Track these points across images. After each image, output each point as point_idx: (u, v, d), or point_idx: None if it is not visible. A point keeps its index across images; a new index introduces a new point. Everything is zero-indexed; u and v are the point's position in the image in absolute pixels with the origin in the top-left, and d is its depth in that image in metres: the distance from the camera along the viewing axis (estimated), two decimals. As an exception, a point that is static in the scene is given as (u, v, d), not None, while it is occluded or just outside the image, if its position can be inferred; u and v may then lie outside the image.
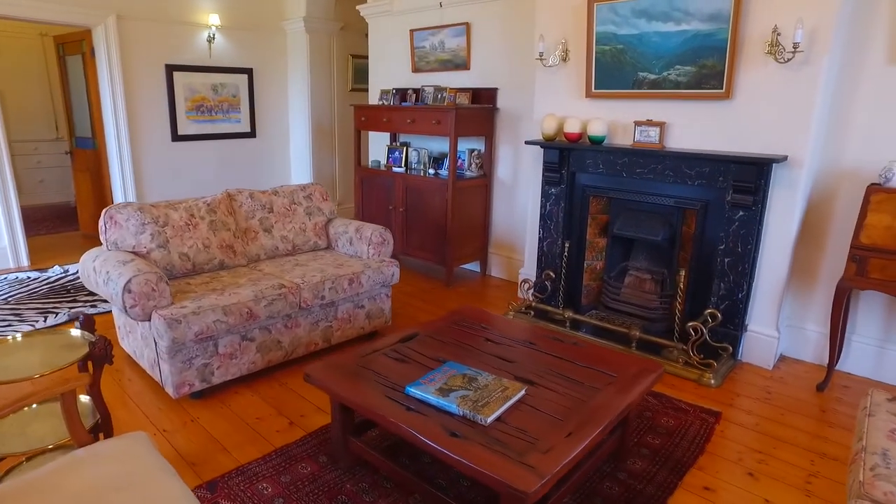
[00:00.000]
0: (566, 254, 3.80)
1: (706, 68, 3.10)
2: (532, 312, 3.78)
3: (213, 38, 5.50)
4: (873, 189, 2.74)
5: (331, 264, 3.25)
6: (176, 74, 5.37)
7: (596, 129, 3.48)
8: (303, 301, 2.93)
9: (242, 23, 5.76)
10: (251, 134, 6.07)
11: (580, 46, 3.58)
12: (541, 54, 3.66)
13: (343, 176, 6.68)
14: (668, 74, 3.24)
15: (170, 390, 2.61)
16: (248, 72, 5.89)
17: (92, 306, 3.89)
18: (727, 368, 3.12)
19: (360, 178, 4.92)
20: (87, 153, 5.55)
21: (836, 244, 3.10)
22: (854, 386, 3.00)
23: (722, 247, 3.17)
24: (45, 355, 1.91)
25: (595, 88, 3.56)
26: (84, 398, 2.07)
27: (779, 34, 2.82)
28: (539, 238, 3.96)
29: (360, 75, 6.52)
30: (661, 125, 3.30)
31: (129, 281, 2.49)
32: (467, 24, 4.46)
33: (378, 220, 4.76)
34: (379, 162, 4.98)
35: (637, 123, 3.38)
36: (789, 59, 2.79)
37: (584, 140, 3.62)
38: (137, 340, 2.83)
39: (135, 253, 2.89)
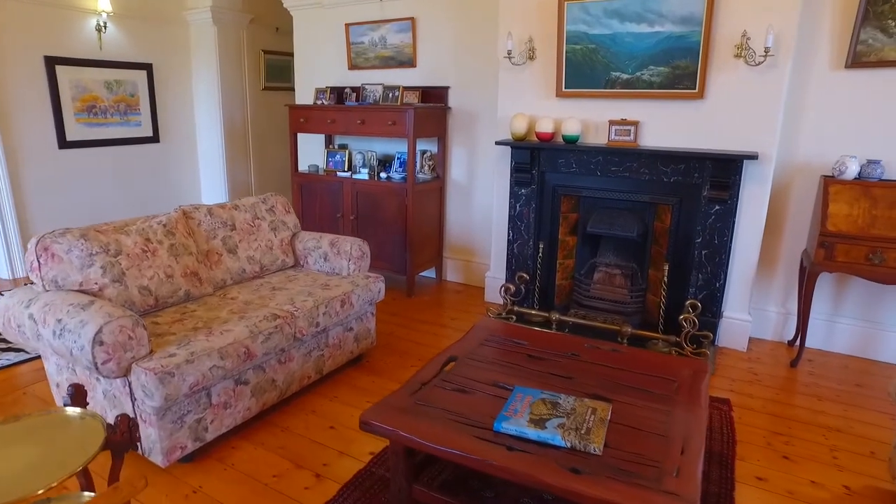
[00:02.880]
0: (541, 255, 3.78)
1: (679, 69, 3.21)
2: (514, 318, 3.71)
3: (105, 26, 4.70)
4: (830, 181, 3.03)
5: (313, 285, 2.91)
6: (59, 69, 4.52)
7: (570, 129, 3.48)
8: (298, 331, 2.58)
9: (138, 11, 5.00)
10: (154, 138, 5.31)
11: (548, 45, 3.55)
12: (509, 52, 3.57)
13: (260, 183, 6.11)
14: (642, 75, 3.32)
15: (158, 459, 2.15)
16: (147, 67, 5.13)
17: (-10, 358, 3.14)
18: (712, 355, 3.29)
19: (299, 184, 4.51)
20: (-59, 166, 4.49)
21: (791, 231, 3.40)
22: (815, 359, 3.30)
23: (699, 240, 3.33)
24: (42, 448, 1.45)
25: (566, 87, 3.55)
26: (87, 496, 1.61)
27: (748, 38, 3.00)
28: (508, 240, 3.90)
29: (274, 73, 5.99)
30: (635, 124, 3.38)
31: (99, 330, 2.00)
32: (413, 19, 4.25)
33: (324, 229, 4.39)
34: (317, 167, 4.59)
35: (612, 122, 3.42)
36: (760, 62, 2.97)
37: (557, 139, 3.61)
38: (97, 401, 2.30)
39: (82, 291, 2.35)
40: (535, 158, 3.68)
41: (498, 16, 3.86)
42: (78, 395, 1.60)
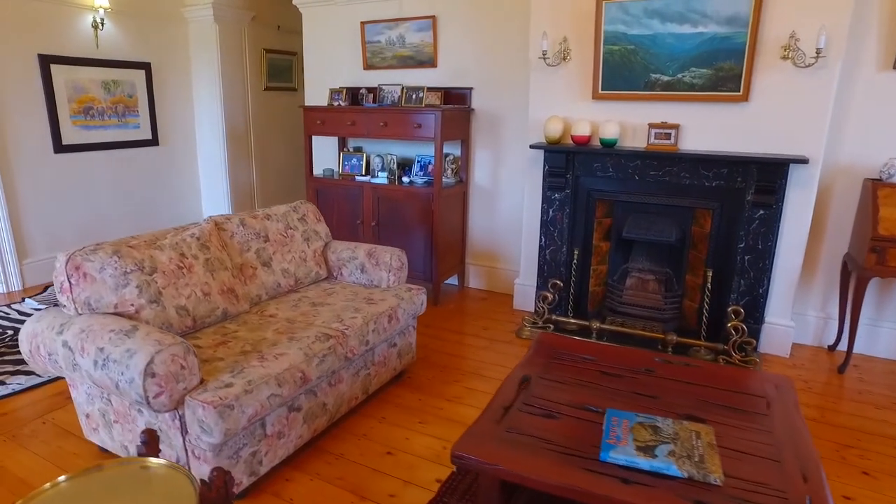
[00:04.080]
0: (576, 261, 3.67)
1: (723, 71, 3.13)
2: (551, 327, 3.60)
3: (102, 24, 4.43)
4: (878, 185, 2.98)
5: (356, 300, 2.74)
6: (54, 68, 4.24)
7: (609, 132, 3.38)
8: (349, 351, 2.42)
9: (136, 7, 4.73)
10: (153, 141, 5.04)
11: (584, 45, 3.44)
12: (544, 53, 3.45)
13: (262, 187, 5.88)
14: (683, 76, 3.23)
15: (214, 494, 1.96)
16: (146, 67, 4.87)
17: (-2, 383, 2.89)
18: (759, 363, 3.23)
19: (315, 189, 4.31)
20: (-75, 173, 4.17)
21: (832, 235, 3.35)
22: (861, 364, 3.27)
23: (742, 245, 3.26)
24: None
25: (602, 89, 3.45)
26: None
27: (797, 39, 2.93)
28: (540, 246, 3.78)
29: (276, 73, 5.77)
30: (675, 127, 3.29)
31: (151, 360, 1.81)
32: (433, 18, 4.09)
33: (344, 236, 4.22)
34: (332, 171, 4.41)
35: (651, 126, 3.33)
36: (811, 64, 2.91)
37: (593, 143, 3.50)
38: (136, 435, 2.11)
39: (118, 314, 2.15)
40: (569, 162, 3.57)
41: (526, 15, 3.76)
42: (151, 442, 1.42)
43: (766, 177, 3.09)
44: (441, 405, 2.75)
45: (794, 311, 3.50)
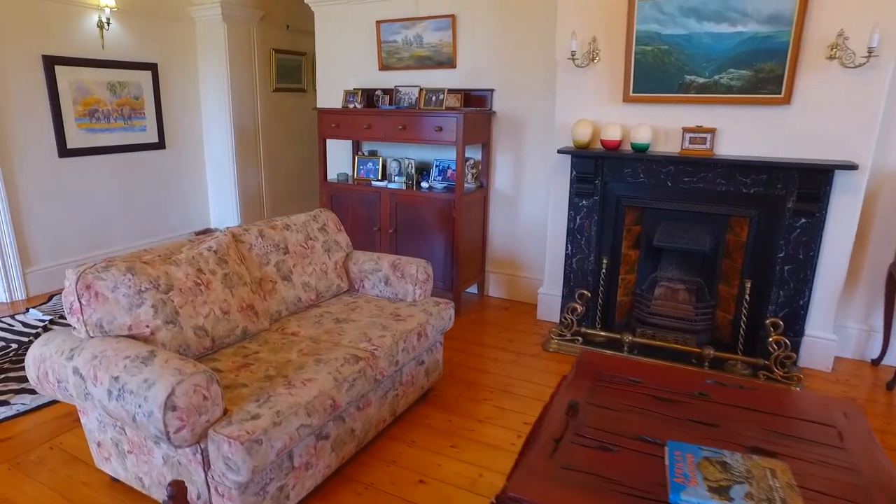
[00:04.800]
0: (604, 270, 3.52)
1: (763, 72, 2.97)
2: (580, 339, 3.44)
3: (108, 23, 4.27)
4: (929, 191, 2.83)
5: (382, 315, 2.59)
6: (59, 69, 4.08)
7: (641, 137, 3.22)
8: (379, 372, 2.26)
9: (142, 7, 4.57)
10: (160, 144, 4.89)
11: (614, 46, 3.28)
12: (573, 54, 3.29)
13: (271, 191, 5.72)
14: (720, 78, 3.08)
15: (239, 536, 1.81)
16: (152, 68, 4.71)
17: (2, 403, 2.73)
18: (802, 380, 3.07)
19: (329, 195, 4.16)
20: (-75, 179, 4.01)
21: (877, 243, 3.19)
22: (908, 380, 3.11)
23: (781, 254, 3.10)
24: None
25: (633, 92, 3.29)
26: None
27: (845, 38, 2.78)
28: (566, 255, 3.62)
29: (285, 73, 5.61)
30: (711, 132, 3.14)
31: (171, 392, 1.65)
32: (453, 17, 3.94)
33: (359, 243, 4.06)
34: (346, 175, 4.26)
35: (686, 130, 3.17)
36: (861, 64, 2.75)
37: (623, 148, 3.35)
38: (154, 467, 1.95)
39: (132, 336, 1.99)
40: (598, 168, 3.41)
41: (551, 13, 3.60)
42: (179, 495, 1.27)
43: (809, 183, 2.94)
44: (472, 426, 2.59)
45: (835, 324, 3.35)
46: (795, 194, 2.99)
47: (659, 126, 3.29)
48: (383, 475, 2.25)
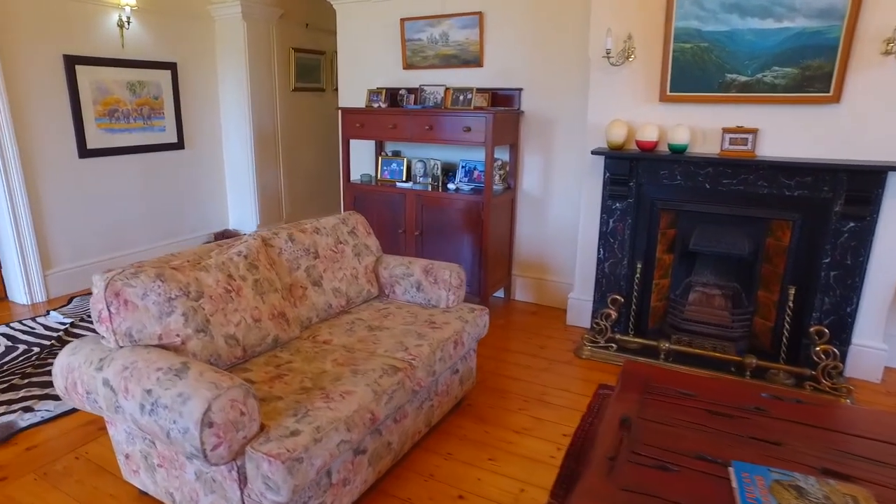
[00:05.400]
0: (638, 275, 3.40)
1: (810, 70, 2.85)
2: (614, 346, 3.33)
3: (129, 22, 4.21)
4: None
5: (416, 322, 2.50)
6: (80, 69, 4.02)
7: (679, 137, 3.10)
8: (417, 383, 2.17)
9: (162, 5, 4.51)
10: (178, 145, 4.83)
11: (650, 43, 3.17)
12: (608, 52, 3.18)
13: (290, 192, 5.65)
14: (764, 76, 2.95)
15: (277, 557, 1.72)
16: (172, 67, 4.65)
17: (26, 409, 2.67)
18: (852, 391, 2.94)
19: (354, 196, 4.07)
20: (-55, 180, 3.97)
21: (927, 248, 3.06)
22: (961, 391, 2.98)
23: (827, 260, 2.98)
24: None
25: (671, 91, 3.17)
26: None
27: (902, 33, 2.65)
28: (598, 258, 3.51)
29: (304, 73, 5.53)
30: (753, 132, 3.01)
31: (208, 408, 1.57)
32: (480, 14, 3.83)
33: (384, 246, 3.97)
34: (370, 176, 4.17)
35: (726, 130, 3.05)
36: (919, 60, 2.63)
37: (659, 149, 3.24)
38: (186, 482, 1.87)
39: (162, 346, 1.91)
40: (633, 169, 3.30)
41: (583, 10, 3.50)
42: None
43: (860, 186, 2.81)
44: (509, 438, 2.50)
45: (885, 332, 3.22)
46: (843, 197, 2.86)
47: (696, 126, 3.17)
48: (421, 490, 2.16)
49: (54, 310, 3.86)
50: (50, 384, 2.90)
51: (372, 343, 2.29)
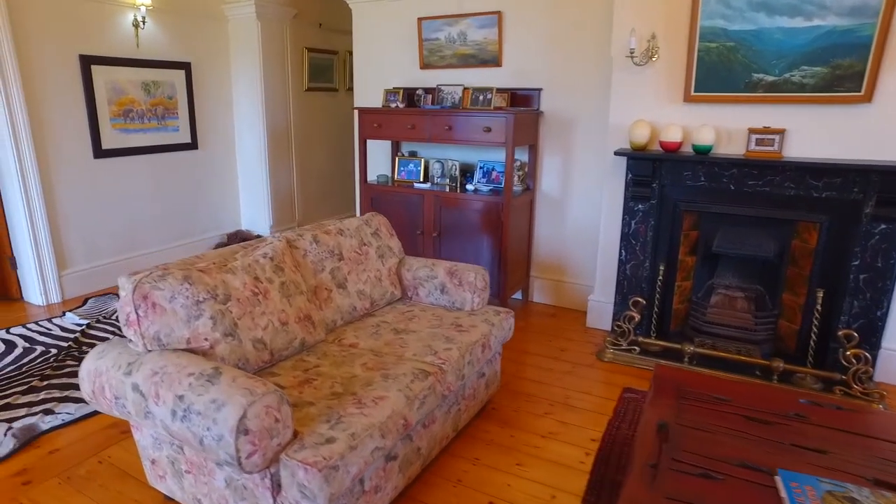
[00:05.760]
0: (661, 277, 3.36)
1: (841, 69, 2.80)
2: (637, 348, 3.29)
3: (144, 22, 4.19)
4: None
5: (442, 325, 2.46)
6: (95, 69, 4.00)
7: (704, 138, 3.06)
8: (446, 388, 2.14)
9: (177, 5, 4.49)
10: (192, 145, 4.80)
11: (674, 43, 3.13)
12: (631, 51, 3.14)
13: (303, 193, 5.63)
14: (792, 76, 2.91)
15: (311, 566, 1.69)
16: (186, 67, 4.62)
17: (46, 412, 2.64)
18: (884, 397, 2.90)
19: (370, 197, 4.04)
20: (-39, 180, 3.95)
21: (957, 251, 3.01)
22: None
23: (857, 262, 2.93)
24: None
25: (695, 91, 3.13)
26: None
27: (935, 31, 2.60)
28: (620, 260, 3.47)
29: (317, 73, 5.51)
30: (780, 132, 2.97)
31: (243, 415, 1.53)
32: (499, 13, 3.80)
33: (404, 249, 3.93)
34: (386, 177, 4.13)
35: (752, 131, 3.01)
36: (953, 59, 2.58)
37: (683, 150, 3.19)
38: (215, 489, 1.84)
39: (190, 350, 1.88)
40: (656, 170, 3.26)
41: (604, 9, 3.47)
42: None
43: (892, 187, 2.76)
44: (536, 443, 2.46)
45: (909, 335, 3.17)
46: (874, 198, 2.81)
47: (721, 127, 3.13)
48: (450, 496, 2.12)
49: (70, 311, 3.84)
50: (70, 386, 2.88)
51: (399, 347, 2.26)
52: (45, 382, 2.91)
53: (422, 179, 4.01)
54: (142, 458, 2.08)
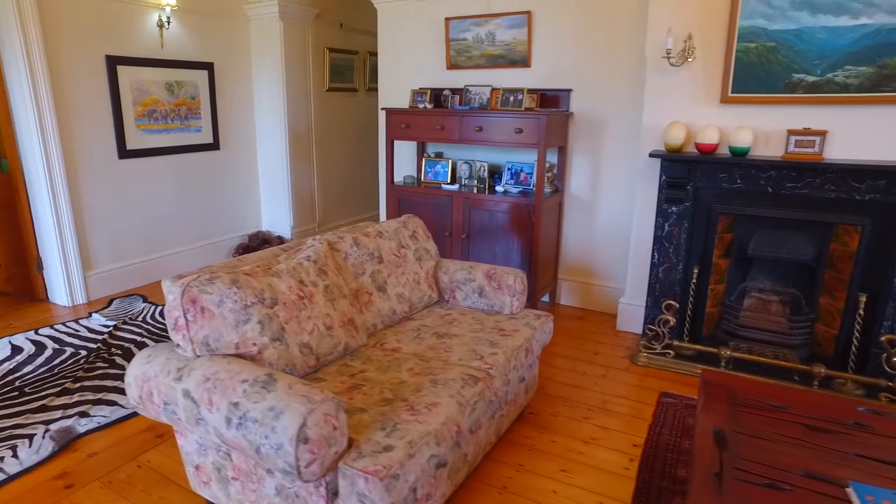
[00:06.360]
0: (695, 280, 3.32)
1: (888, 68, 2.75)
2: (671, 352, 3.25)
3: (169, 22, 4.17)
4: None
5: (484, 329, 2.43)
6: (121, 69, 3.99)
7: (741, 140, 3.01)
8: (494, 393, 2.10)
9: (200, 5, 4.47)
10: (214, 145, 4.79)
11: (711, 43, 3.09)
12: (668, 52, 3.10)
13: (324, 194, 5.60)
14: (835, 76, 2.86)
15: (367, 576, 1.66)
16: (209, 67, 4.61)
17: (81, 414, 2.62)
18: (923, 401, 2.85)
19: (397, 198, 4.01)
20: (-12, 180, 3.95)
21: None
22: None
23: (899, 266, 2.88)
24: None
25: (733, 92, 3.09)
26: None
27: (984, 32, 2.55)
28: (653, 263, 3.43)
29: (337, 73, 5.48)
30: (822, 134, 2.92)
31: (304, 423, 1.50)
32: (529, 13, 3.76)
33: (427, 249, 3.90)
34: (413, 178, 4.11)
35: (791, 132, 2.97)
36: None
37: (719, 151, 3.15)
38: (262, 496, 1.81)
39: (238, 355, 1.85)
40: (691, 172, 3.22)
41: (637, 9, 3.43)
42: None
43: (938, 190, 2.72)
44: (579, 448, 2.42)
45: (950, 340, 3.11)
46: (920, 201, 2.77)
47: (759, 128, 3.09)
48: (496, 503, 2.09)
49: (96, 312, 3.83)
50: (102, 389, 2.86)
51: (444, 351, 2.23)
52: (77, 384, 2.89)
53: (449, 181, 3.98)
54: (185, 464, 2.06)
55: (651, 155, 3.21)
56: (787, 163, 2.95)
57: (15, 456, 2.31)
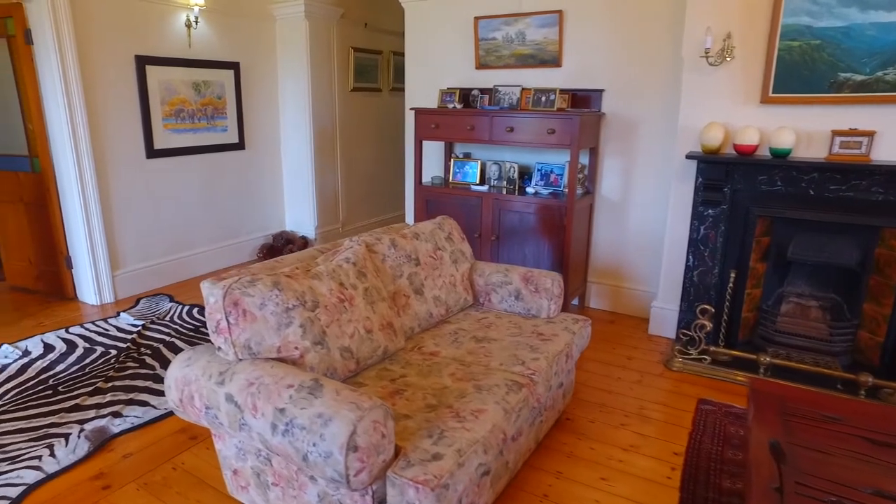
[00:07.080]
0: (732, 285, 3.24)
1: (940, 67, 2.67)
2: (708, 359, 3.18)
3: (196, 22, 4.17)
4: None
5: (522, 334, 2.38)
6: (149, 69, 3.99)
7: (783, 141, 2.93)
8: (537, 399, 2.06)
9: (227, 5, 4.47)
10: (239, 145, 4.78)
11: (751, 42, 3.01)
12: (707, 51, 3.03)
13: (348, 195, 5.58)
14: (885, 75, 2.77)
15: (413, 587, 1.62)
16: (235, 67, 4.60)
17: (114, 414, 2.61)
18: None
19: (425, 199, 3.97)
20: (20, 177, 3.97)
21: None
22: None
23: (950, 272, 2.79)
24: None
25: (773, 92, 3.01)
26: None
27: None
28: (687, 266, 3.36)
29: (361, 73, 5.46)
30: (869, 135, 2.84)
31: (353, 431, 1.47)
32: (560, 12, 3.70)
33: (455, 251, 3.86)
34: (441, 178, 4.07)
35: (836, 133, 2.88)
36: None
37: (759, 153, 3.07)
38: (302, 502, 1.78)
39: (280, 359, 1.82)
40: (729, 174, 3.14)
41: (671, 8, 3.37)
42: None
43: None
44: (618, 456, 2.37)
45: None
46: (972, 205, 2.67)
47: (800, 129, 3.00)
48: (536, 511, 2.04)
49: (124, 311, 3.83)
50: (133, 389, 2.86)
51: (484, 356, 2.19)
52: (109, 384, 2.89)
53: (478, 182, 3.94)
54: (222, 468, 2.03)
55: (688, 157, 3.14)
56: (831, 164, 2.87)
57: (52, 455, 2.31)
